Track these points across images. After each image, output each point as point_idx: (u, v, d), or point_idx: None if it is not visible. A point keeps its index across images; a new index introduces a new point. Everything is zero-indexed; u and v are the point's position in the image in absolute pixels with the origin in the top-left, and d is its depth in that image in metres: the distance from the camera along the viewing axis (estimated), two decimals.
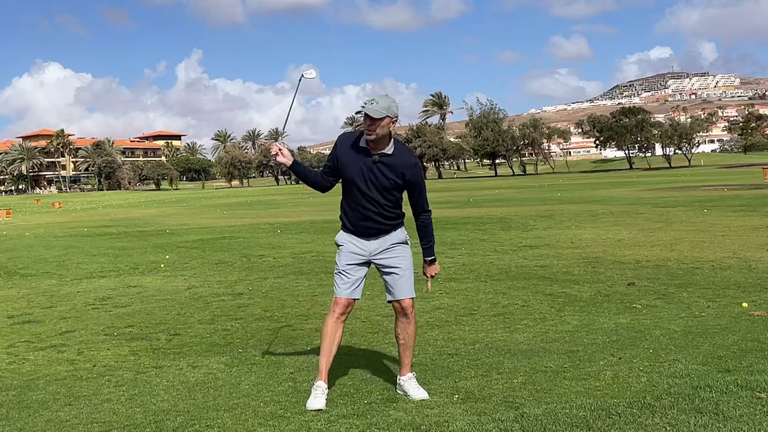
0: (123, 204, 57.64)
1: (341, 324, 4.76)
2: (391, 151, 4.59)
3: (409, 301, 4.76)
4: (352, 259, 4.75)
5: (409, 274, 4.79)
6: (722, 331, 6.06)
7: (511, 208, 26.68)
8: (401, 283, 4.75)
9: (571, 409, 4.18)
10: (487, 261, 11.59)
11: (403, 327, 4.80)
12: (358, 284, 4.79)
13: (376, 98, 4.51)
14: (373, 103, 4.47)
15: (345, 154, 4.67)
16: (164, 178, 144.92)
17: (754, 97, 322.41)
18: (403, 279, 4.76)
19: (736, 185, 37.48)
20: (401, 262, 4.77)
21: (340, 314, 4.74)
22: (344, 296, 4.74)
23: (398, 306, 4.78)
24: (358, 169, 4.60)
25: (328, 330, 4.74)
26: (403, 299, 4.75)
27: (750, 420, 3.87)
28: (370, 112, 4.44)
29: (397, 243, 4.77)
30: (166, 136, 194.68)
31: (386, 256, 4.75)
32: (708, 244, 12.63)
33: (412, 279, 4.81)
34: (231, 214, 33.17)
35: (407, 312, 4.76)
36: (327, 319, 4.78)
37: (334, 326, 4.73)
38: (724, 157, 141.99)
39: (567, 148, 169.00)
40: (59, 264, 13.80)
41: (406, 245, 4.84)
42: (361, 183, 4.61)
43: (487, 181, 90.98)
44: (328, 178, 4.86)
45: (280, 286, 9.96)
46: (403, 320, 4.79)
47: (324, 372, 4.68)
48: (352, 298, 4.76)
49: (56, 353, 6.50)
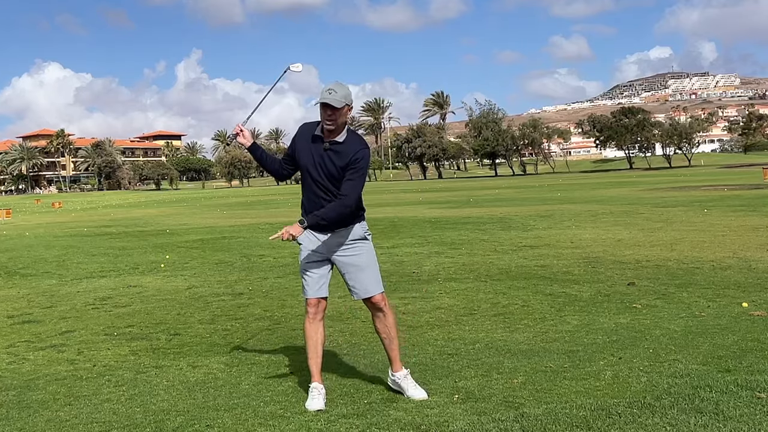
0: (123, 204, 57.66)
1: (319, 323, 4.75)
2: (342, 139, 4.58)
3: (379, 296, 4.70)
4: (314, 257, 4.72)
5: (373, 268, 4.72)
6: (722, 331, 6.06)
7: (511, 208, 26.68)
8: (364, 279, 4.67)
9: (571, 409, 4.18)
10: (487, 261, 11.59)
11: (381, 321, 4.75)
12: (323, 282, 4.74)
13: (333, 87, 4.48)
14: (332, 93, 4.45)
15: (301, 141, 4.69)
16: (164, 178, 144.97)
17: (755, 97, 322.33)
18: (366, 274, 4.68)
19: (736, 185, 37.48)
20: (361, 258, 4.69)
21: (313, 315, 4.73)
22: (313, 296, 4.72)
23: (369, 304, 4.73)
24: (311, 157, 4.61)
25: (309, 333, 4.74)
26: (372, 296, 4.69)
27: (750, 420, 3.87)
28: (332, 102, 4.43)
29: (355, 239, 4.71)
30: (166, 136, 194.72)
31: (345, 253, 4.69)
32: (708, 244, 12.63)
33: (377, 273, 4.74)
34: (231, 214, 33.17)
35: (380, 306, 4.71)
36: (305, 323, 4.78)
37: (312, 328, 4.73)
38: (725, 157, 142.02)
39: (567, 148, 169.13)
40: (59, 264, 13.80)
41: (366, 240, 4.76)
42: (313, 170, 4.61)
43: (487, 181, 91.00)
44: (286, 166, 4.86)
45: (280, 286, 9.96)
46: (380, 315, 4.74)
47: (316, 373, 4.69)
48: (321, 297, 4.73)
49: (56, 353, 6.50)
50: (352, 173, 4.55)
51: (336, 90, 4.47)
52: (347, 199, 4.54)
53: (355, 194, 4.56)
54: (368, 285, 4.68)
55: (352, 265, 4.69)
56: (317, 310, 4.74)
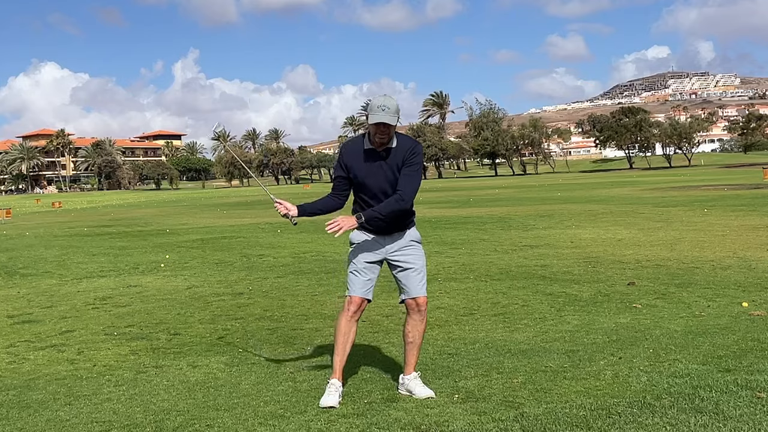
0: (123, 203, 57.65)
1: (355, 323, 4.78)
2: (394, 144, 4.65)
3: (423, 299, 4.79)
4: (368, 257, 4.77)
5: (423, 272, 4.82)
6: (722, 331, 6.06)
7: (511, 207, 26.68)
8: (416, 281, 4.77)
9: (571, 409, 4.18)
10: (487, 261, 11.59)
11: (414, 325, 4.81)
12: (372, 285, 4.81)
13: (386, 103, 4.52)
14: (385, 110, 4.49)
15: (353, 159, 4.71)
16: (164, 177, 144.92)
17: (754, 97, 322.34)
18: (419, 276, 4.78)
19: (736, 185, 37.48)
20: (416, 260, 4.80)
21: (353, 313, 4.75)
22: (359, 295, 4.75)
23: (413, 303, 4.79)
24: (370, 170, 4.65)
25: (342, 329, 4.74)
26: (418, 296, 4.77)
27: (750, 420, 3.87)
28: (389, 120, 4.49)
29: (412, 240, 4.82)
30: (166, 135, 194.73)
31: (402, 253, 4.78)
32: (708, 243, 12.63)
33: (425, 278, 4.84)
34: (231, 213, 33.17)
35: (422, 309, 4.79)
36: (340, 318, 4.78)
37: (347, 325, 4.74)
38: (724, 156, 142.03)
39: (567, 148, 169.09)
40: (59, 264, 13.80)
41: (420, 244, 4.89)
42: (373, 181, 4.65)
43: (487, 180, 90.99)
44: (340, 193, 4.84)
45: (280, 285, 9.96)
46: (416, 318, 4.80)
47: (338, 370, 4.71)
48: (366, 299, 4.77)
49: (56, 353, 6.50)
50: (408, 169, 4.63)
51: (388, 106, 4.51)
52: (404, 194, 4.62)
53: (412, 190, 4.64)
54: (418, 286, 4.77)
55: (407, 264, 4.77)
56: (358, 310, 4.77)
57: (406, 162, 4.62)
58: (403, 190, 4.61)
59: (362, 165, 4.67)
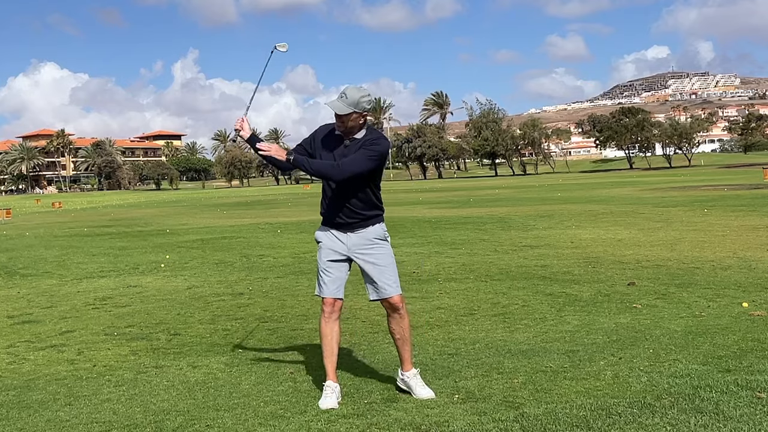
0: (123, 204, 57.63)
1: (335, 322, 4.76)
2: (361, 135, 4.61)
3: (398, 298, 4.71)
4: (332, 256, 4.73)
5: (391, 269, 4.73)
6: (722, 331, 6.05)
7: (511, 208, 26.67)
8: (384, 280, 4.68)
9: (571, 409, 4.18)
10: (487, 261, 11.59)
11: (397, 322, 4.77)
12: (341, 283, 4.76)
13: (346, 92, 4.47)
14: (342, 98, 4.45)
15: (321, 136, 4.72)
16: (164, 177, 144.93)
17: (755, 97, 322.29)
18: (385, 275, 4.69)
19: (737, 185, 37.47)
20: (381, 258, 4.71)
21: (329, 314, 4.74)
22: (329, 296, 4.73)
23: (387, 304, 4.75)
24: (330, 151, 4.63)
25: (324, 332, 4.76)
26: (391, 296, 4.70)
27: (750, 420, 3.87)
28: (335, 108, 4.46)
29: (376, 238, 4.74)
30: (166, 135, 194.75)
31: (365, 252, 4.71)
32: (708, 243, 12.63)
33: (396, 275, 4.75)
34: (231, 213, 33.16)
35: (398, 308, 4.72)
36: (320, 322, 4.80)
37: (327, 327, 4.74)
38: (724, 157, 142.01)
39: (567, 148, 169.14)
40: (59, 264, 13.80)
41: (386, 242, 4.80)
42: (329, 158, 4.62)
43: (487, 181, 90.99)
44: None
45: (280, 286, 9.96)
46: (396, 316, 4.76)
47: (331, 372, 4.71)
48: (337, 298, 4.75)
49: (56, 353, 6.50)
50: (360, 151, 4.51)
51: (347, 95, 4.46)
52: (343, 164, 4.48)
53: (351, 166, 4.46)
54: (387, 286, 4.69)
55: (373, 265, 4.70)
56: (333, 310, 4.75)
57: (362, 147, 4.54)
58: (343, 162, 4.49)
59: (326, 145, 4.65)
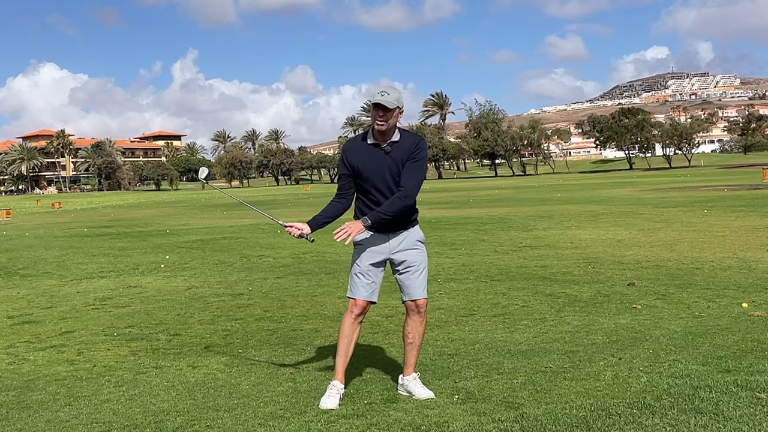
0: (123, 204, 57.62)
1: (358, 325, 4.77)
2: (397, 138, 4.66)
3: (423, 301, 4.77)
4: (372, 259, 4.73)
5: (424, 274, 4.80)
6: (722, 332, 6.06)
7: (511, 208, 26.68)
8: (418, 282, 4.74)
9: (571, 410, 4.18)
10: (487, 261, 11.59)
11: (414, 326, 4.79)
12: (376, 287, 4.77)
13: (387, 90, 4.58)
14: (384, 95, 4.53)
15: (356, 156, 4.70)
16: (164, 178, 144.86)
17: (754, 98, 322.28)
18: (420, 278, 4.75)
19: (736, 185, 37.48)
20: (419, 261, 4.77)
21: (357, 315, 4.73)
22: (363, 298, 4.72)
23: (413, 305, 4.77)
24: (373, 164, 4.64)
25: (345, 331, 4.73)
26: (418, 298, 4.75)
27: (750, 420, 3.87)
28: (385, 103, 4.51)
29: (417, 241, 4.80)
30: (166, 136, 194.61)
31: (406, 253, 4.75)
32: (708, 244, 12.63)
33: (426, 279, 4.82)
34: (231, 214, 33.16)
35: (421, 311, 4.77)
36: (344, 320, 4.76)
37: (351, 327, 4.73)
38: (724, 157, 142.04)
39: (567, 149, 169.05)
40: (59, 264, 13.80)
41: (424, 245, 4.86)
42: (378, 177, 4.64)
43: (487, 181, 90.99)
44: (346, 193, 4.80)
45: (280, 286, 9.96)
46: (416, 319, 4.79)
47: (341, 372, 4.71)
48: (370, 301, 4.75)
49: (56, 353, 6.50)
50: (412, 164, 4.62)
51: (388, 92, 4.55)
52: (407, 189, 4.61)
53: (415, 185, 4.63)
54: (419, 288, 4.74)
55: (409, 265, 4.74)
56: (362, 313, 4.76)
57: (411, 157, 4.62)
58: (405, 186, 4.60)
59: (366, 160, 4.65)
